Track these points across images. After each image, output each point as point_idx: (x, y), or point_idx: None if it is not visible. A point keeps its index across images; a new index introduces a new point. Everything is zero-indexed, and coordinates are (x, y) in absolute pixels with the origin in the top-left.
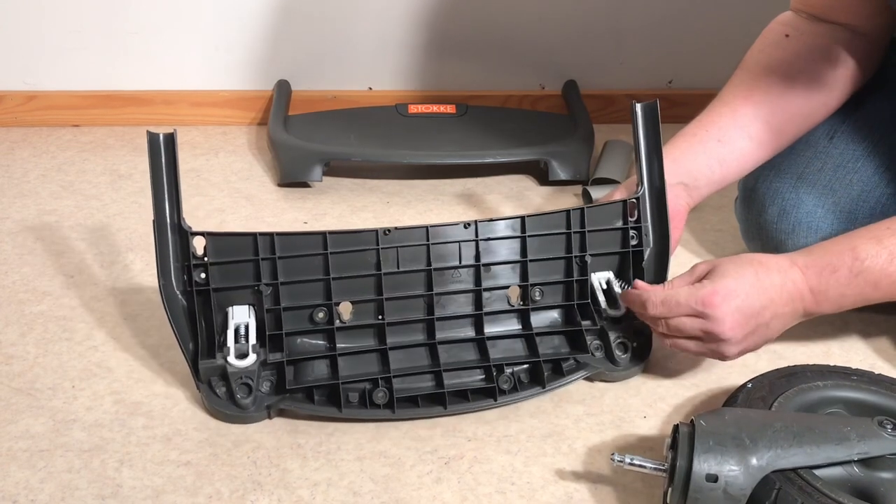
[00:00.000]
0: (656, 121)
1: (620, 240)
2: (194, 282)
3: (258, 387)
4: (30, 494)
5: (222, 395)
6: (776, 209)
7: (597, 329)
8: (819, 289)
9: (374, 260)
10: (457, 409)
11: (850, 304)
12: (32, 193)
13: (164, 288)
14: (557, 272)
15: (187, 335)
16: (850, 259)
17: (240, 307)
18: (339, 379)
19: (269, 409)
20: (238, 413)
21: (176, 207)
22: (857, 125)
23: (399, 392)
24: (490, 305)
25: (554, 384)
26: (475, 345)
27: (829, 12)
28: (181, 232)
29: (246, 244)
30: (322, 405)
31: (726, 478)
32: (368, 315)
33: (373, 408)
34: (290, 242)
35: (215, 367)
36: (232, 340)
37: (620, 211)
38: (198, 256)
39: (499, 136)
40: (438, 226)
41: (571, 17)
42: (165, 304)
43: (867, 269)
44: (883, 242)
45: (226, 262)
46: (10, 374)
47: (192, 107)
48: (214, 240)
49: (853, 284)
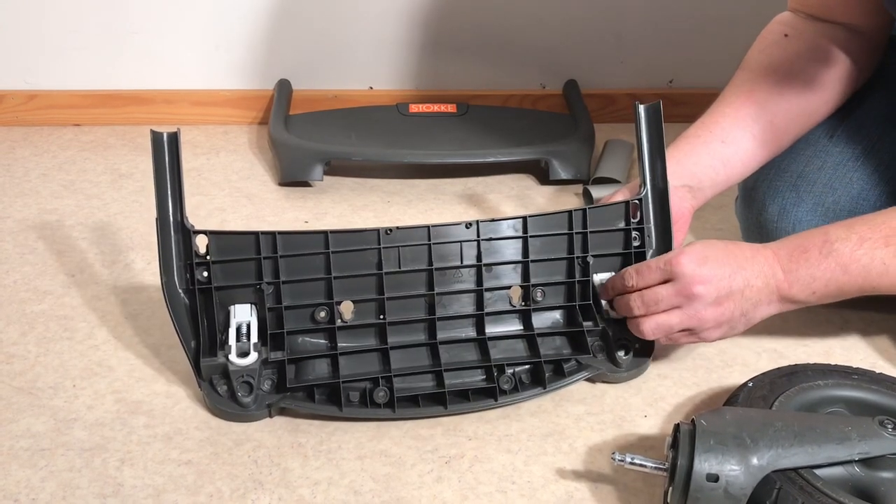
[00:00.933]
0: (659, 122)
1: (623, 241)
2: (196, 280)
3: (259, 385)
4: (31, 493)
5: (223, 394)
6: (776, 208)
7: (598, 330)
8: (789, 268)
9: (375, 259)
10: (457, 408)
11: (822, 290)
12: (33, 193)
13: (167, 286)
14: (559, 273)
15: (189, 333)
16: (820, 241)
17: (241, 306)
18: (340, 378)
19: (270, 408)
20: (239, 411)
21: (179, 206)
22: (858, 124)
23: (400, 391)
24: (491, 306)
25: (555, 385)
26: (476, 345)
27: (827, 12)
28: (184, 230)
29: (248, 243)
30: (323, 404)
31: (727, 477)
32: (369, 314)
33: (373, 407)
34: (292, 241)
35: (217, 365)
36: (234, 339)
37: (623, 212)
38: (200, 255)
39: (499, 135)
40: (440, 225)
41: (572, 16)
42: (168, 303)
43: (836, 251)
44: (853, 228)
45: (228, 261)
46: (11, 373)
47: (193, 106)
48: (217, 238)
49: (822, 266)
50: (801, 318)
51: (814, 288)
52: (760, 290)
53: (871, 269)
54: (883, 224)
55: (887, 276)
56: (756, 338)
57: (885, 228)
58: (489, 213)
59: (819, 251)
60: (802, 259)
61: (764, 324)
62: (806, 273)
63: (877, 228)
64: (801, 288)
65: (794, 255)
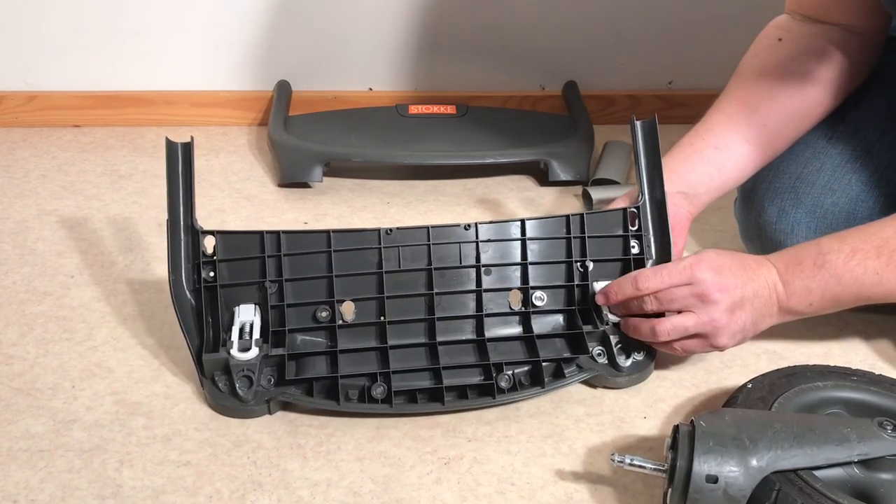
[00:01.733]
0: (655, 137)
1: (622, 248)
2: (203, 279)
3: (259, 381)
4: (30, 494)
5: (224, 389)
6: (775, 209)
7: (599, 333)
8: (786, 280)
9: (376, 259)
10: (455, 405)
11: (818, 301)
12: (33, 194)
13: (174, 284)
14: (559, 277)
15: (194, 331)
16: (813, 253)
17: (246, 306)
18: (339, 374)
19: (269, 403)
20: (239, 406)
21: (190, 210)
22: (856, 125)
23: (398, 388)
24: (491, 308)
25: (554, 385)
26: (475, 346)
27: (823, 13)
28: (193, 232)
29: (253, 242)
30: (321, 399)
31: (726, 478)
32: (370, 314)
33: (371, 403)
34: (296, 240)
35: (218, 360)
36: (236, 336)
37: (621, 219)
38: (207, 255)
39: (499, 136)
40: (440, 226)
41: (572, 18)
42: (174, 301)
43: (829, 263)
44: (846, 239)
45: (234, 260)
46: (10, 375)
47: (193, 107)
48: (224, 238)
49: (817, 278)
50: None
51: (810, 300)
52: (766, 300)
53: (865, 279)
54: (874, 235)
55: (881, 286)
56: (755, 339)
57: (877, 239)
58: (488, 215)
59: (813, 263)
60: (798, 271)
61: None
62: (801, 285)
63: (868, 239)
64: (799, 300)
65: (789, 267)
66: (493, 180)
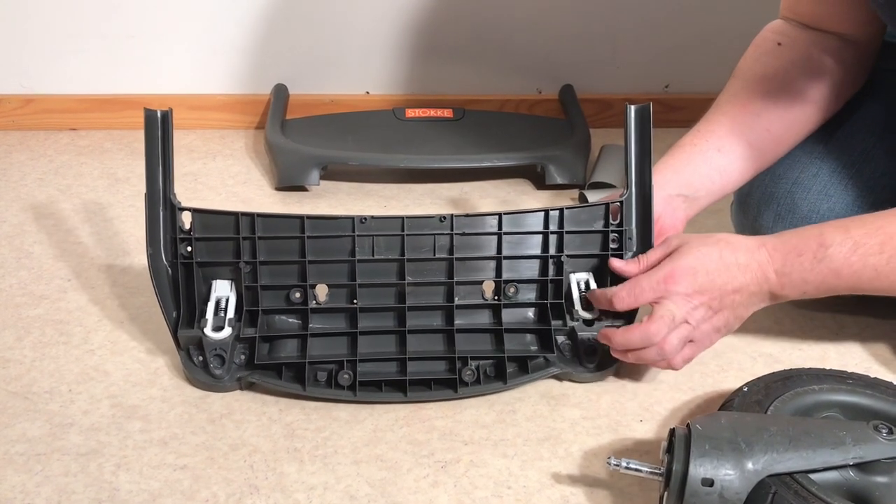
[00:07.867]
0: (648, 124)
1: (601, 242)
2: (180, 255)
3: (232, 359)
4: (26, 498)
5: (198, 364)
6: (771, 214)
7: (567, 329)
8: (783, 271)
9: (349, 246)
10: (417, 396)
11: (814, 291)
12: (30, 197)
13: (152, 258)
14: (532, 270)
15: (171, 304)
16: (815, 245)
17: (223, 281)
18: (308, 359)
19: (241, 381)
20: (211, 381)
21: (168, 182)
22: (852, 131)
23: (363, 376)
24: (463, 298)
25: (517, 380)
26: (444, 336)
27: (818, 21)
28: (171, 207)
29: (228, 222)
30: (289, 381)
31: (722, 482)
32: (343, 300)
33: (337, 388)
34: (270, 224)
35: (193, 336)
36: (211, 313)
37: (602, 214)
38: (185, 231)
39: (496, 140)
40: (415, 217)
41: (568, 21)
42: (152, 273)
43: (830, 257)
44: (850, 232)
45: (210, 238)
46: (6, 378)
47: (190, 110)
48: (200, 216)
49: (816, 271)
50: (796, 323)
51: (804, 289)
52: (753, 294)
53: (863, 274)
54: (879, 230)
55: (877, 281)
56: (751, 342)
57: (882, 234)
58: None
59: (813, 256)
60: (797, 263)
61: (759, 328)
62: (798, 277)
63: (873, 234)
64: (793, 289)
65: (788, 257)
66: (490, 184)
